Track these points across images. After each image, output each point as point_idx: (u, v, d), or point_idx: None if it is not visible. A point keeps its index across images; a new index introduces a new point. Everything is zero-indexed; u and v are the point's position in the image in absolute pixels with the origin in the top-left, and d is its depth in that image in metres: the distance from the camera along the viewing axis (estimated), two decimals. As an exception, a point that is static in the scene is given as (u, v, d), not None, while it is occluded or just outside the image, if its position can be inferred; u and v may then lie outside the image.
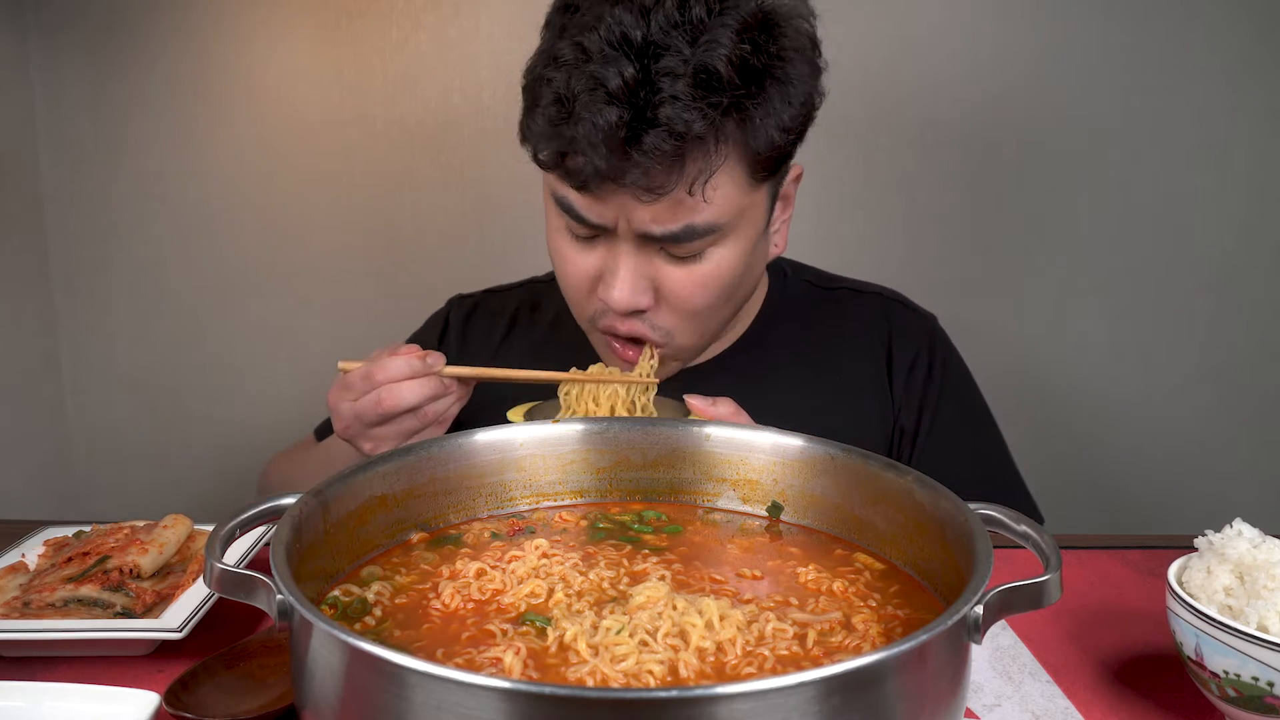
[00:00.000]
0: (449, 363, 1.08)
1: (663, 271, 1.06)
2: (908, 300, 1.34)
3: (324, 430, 1.36)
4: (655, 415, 1.08)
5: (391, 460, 0.79)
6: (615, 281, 1.05)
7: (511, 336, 1.32)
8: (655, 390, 1.10)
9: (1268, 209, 1.92)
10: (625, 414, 1.08)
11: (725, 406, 1.02)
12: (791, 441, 0.84)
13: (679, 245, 1.04)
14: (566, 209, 1.05)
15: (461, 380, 1.08)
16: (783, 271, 1.32)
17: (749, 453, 0.86)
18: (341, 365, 1.08)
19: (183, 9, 1.83)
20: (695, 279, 1.06)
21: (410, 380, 1.04)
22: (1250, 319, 1.96)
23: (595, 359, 1.19)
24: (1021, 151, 1.89)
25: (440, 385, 1.06)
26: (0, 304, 1.79)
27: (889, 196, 1.91)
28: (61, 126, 1.87)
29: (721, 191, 1.02)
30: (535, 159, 1.05)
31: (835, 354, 1.26)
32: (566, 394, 1.09)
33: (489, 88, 1.87)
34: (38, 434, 1.92)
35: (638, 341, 1.12)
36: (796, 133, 1.05)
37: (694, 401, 1.02)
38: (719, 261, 1.07)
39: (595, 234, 1.07)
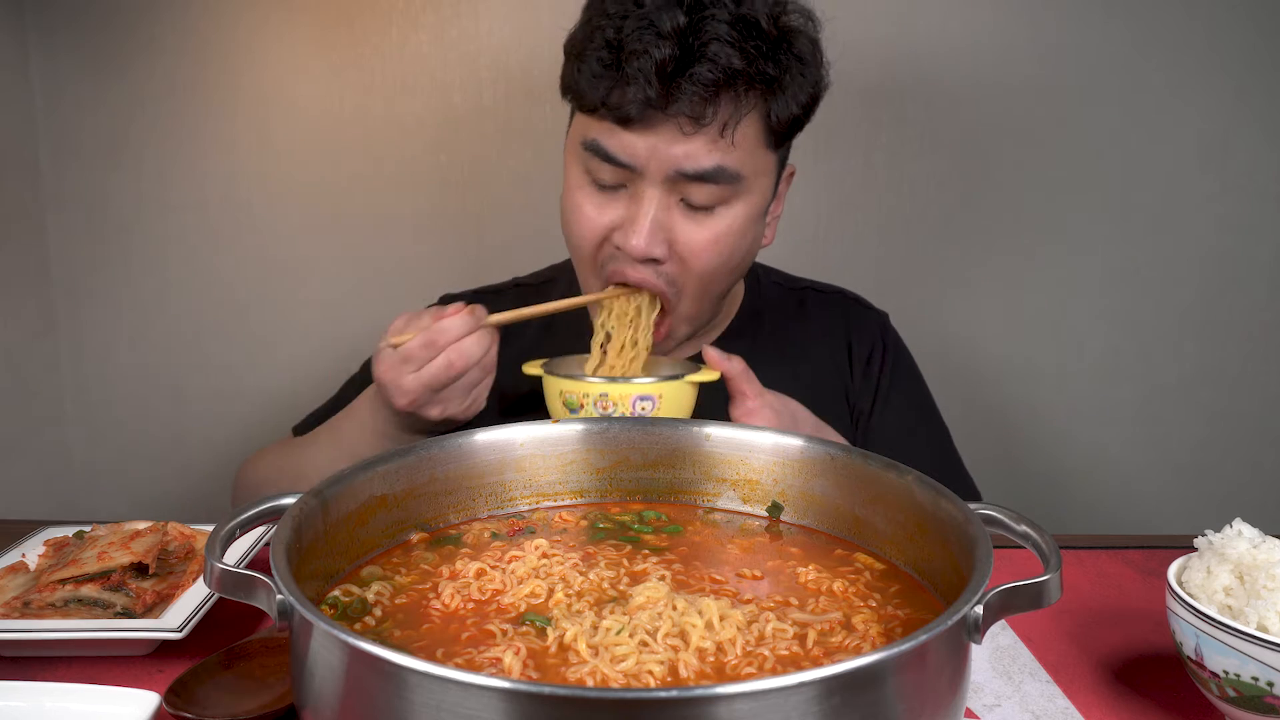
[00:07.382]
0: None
1: (679, 226, 1.12)
2: (864, 300, 1.44)
3: (304, 427, 1.36)
4: (655, 357, 1.19)
5: (391, 460, 0.79)
6: (635, 228, 1.10)
7: (506, 337, 1.33)
8: (655, 311, 1.16)
9: (1268, 209, 1.91)
10: (644, 333, 1.16)
11: (738, 363, 1.08)
12: (791, 441, 0.84)
13: (705, 188, 1.09)
14: (597, 152, 1.10)
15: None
16: (755, 274, 1.41)
17: (749, 453, 0.86)
18: (394, 340, 1.07)
19: (182, 9, 1.83)
20: (708, 235, 1.12)
21: (471, 335, 1.06)
22: (1250, 319, 1.96)
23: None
24: (1021, 152, 1.89)
25: (492, 336, 1.09)
26: (0, 304, 1.79)
27: (886, 196, 1.91)
28: (61, 126, 1.87)
29: (744, 143, 1.10)
30: (578, 105, 1.12)
31: (805, 347, 1.36)
32: (602, 311, 1.16)
33: (489, 88, 1.87)
34: (38, 434, 1.91)
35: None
36: (805, 113, 1.13)
37: (711, 352, 1.09)
38: (730, 220, 1.12)
39: (618, 183, 1.12)
